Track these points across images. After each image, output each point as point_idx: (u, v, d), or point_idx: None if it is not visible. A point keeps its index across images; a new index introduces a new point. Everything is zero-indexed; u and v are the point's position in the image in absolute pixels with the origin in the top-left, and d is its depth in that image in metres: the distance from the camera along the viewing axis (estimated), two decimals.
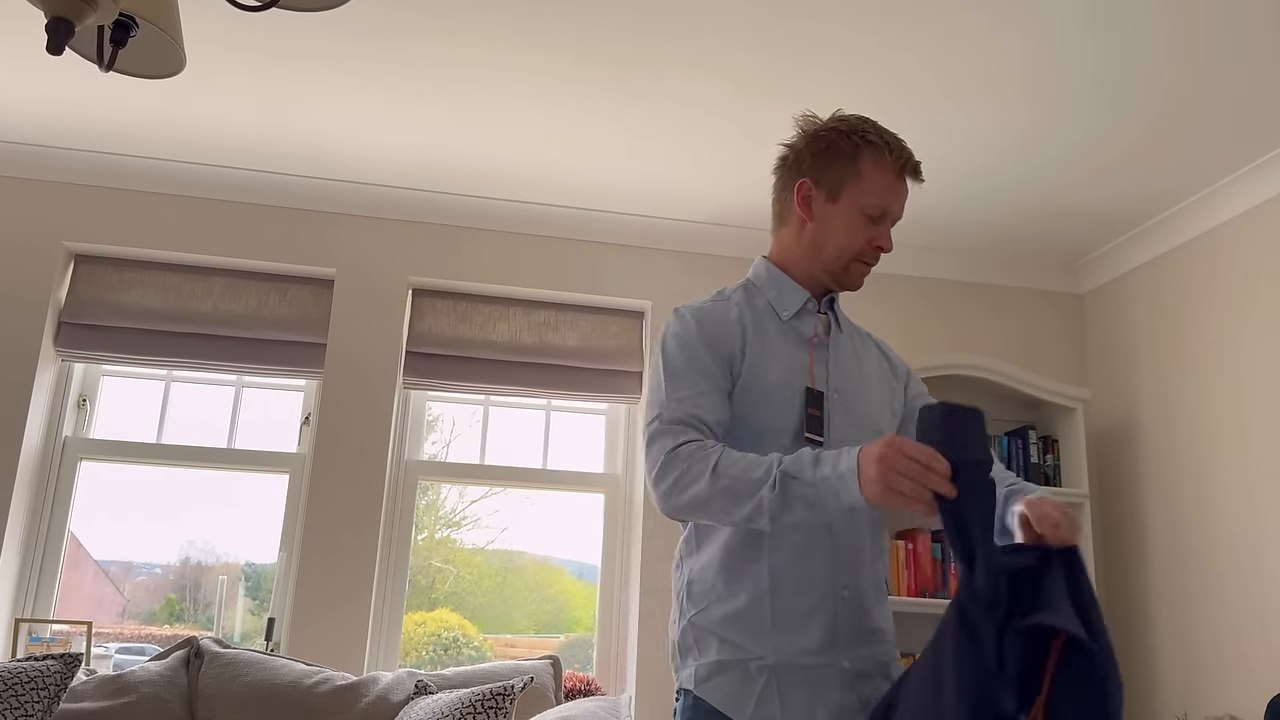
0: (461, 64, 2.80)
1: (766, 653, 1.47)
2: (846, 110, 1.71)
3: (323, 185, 3.55)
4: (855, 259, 1.62)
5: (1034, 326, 4.00)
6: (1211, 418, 3.31)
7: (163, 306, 3.47)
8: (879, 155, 1.59)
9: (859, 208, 1.60)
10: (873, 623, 1.53)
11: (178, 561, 3.51)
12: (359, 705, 2.76)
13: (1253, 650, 3.07)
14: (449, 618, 3.61)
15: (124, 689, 2.70)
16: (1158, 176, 3.26)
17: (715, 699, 1.48)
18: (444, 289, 3.66)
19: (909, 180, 1.62)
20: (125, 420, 3.50)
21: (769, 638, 1.47)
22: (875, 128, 1.63)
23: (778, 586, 1.48)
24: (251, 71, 2.88)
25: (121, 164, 3.45)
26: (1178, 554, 3.40)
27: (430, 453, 3.68)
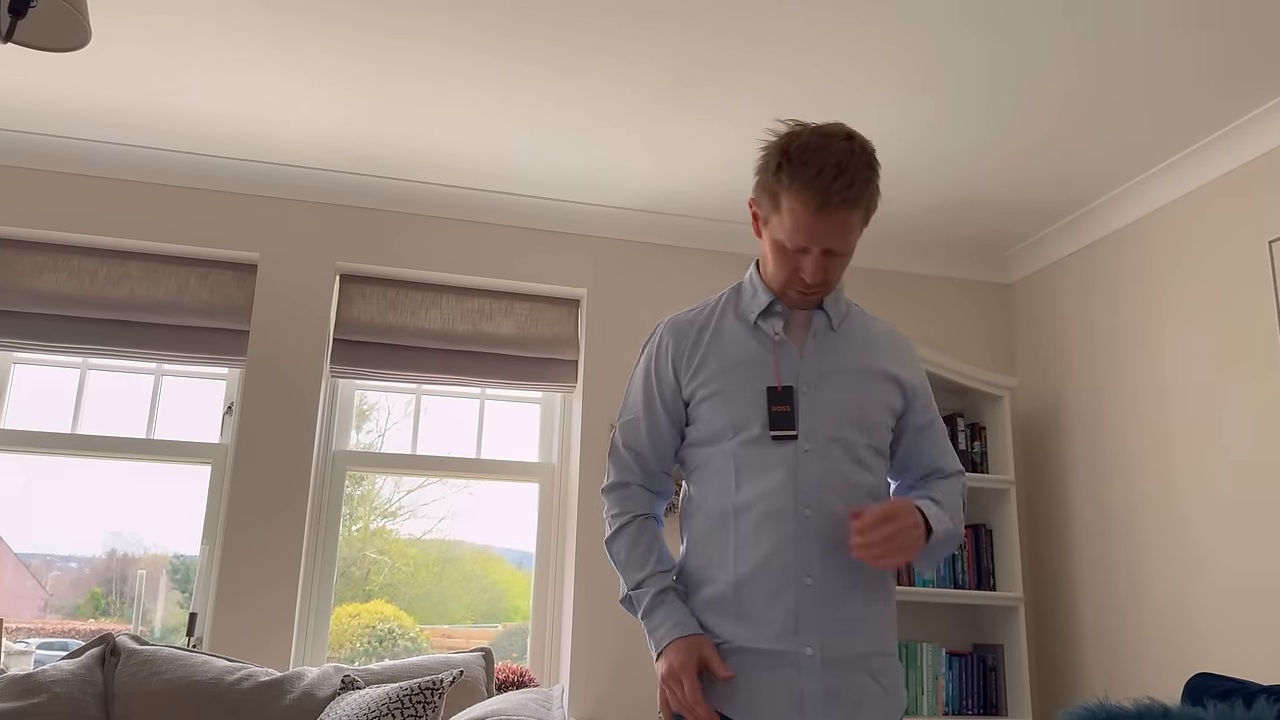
0: (391, 44, 2.73)
1: (734, 636, 1.53)
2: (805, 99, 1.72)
3: (246, 167, 3.45)
4: (787, 286, 1.64)
5: (963, 316, 4.05)
6: (1135, 404, 3.39)
7: (77, 291, 3.35)
8: (800, 188, 1.52)
9: (778, 239, 1.59)
10: (843, 612, 1.53)
11: (103, 554, 3.40)
12: (283, 702, 2.70)
13: (1172, 633, 3.16)
14: (384, 609, 3.55)
15: (34, 689, 2.60)
16: (1085, 167, 3.31)
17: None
18: (373, 275, 3.59)
19: (835, 214, 1.53)
20: (40, 410, 3.38)
21: (737, 622, 1.54)
22: (813, 151, 1.54)
23: (745, 572, 1.55)
24: (169, 48, 2.78)
25: (32, 142, 3.31)
26: (1101, 538, 3.48)
27: (365, 442, 3.61)
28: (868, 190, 1.56)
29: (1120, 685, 3.32)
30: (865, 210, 1.58)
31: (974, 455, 3.63)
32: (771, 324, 1.66)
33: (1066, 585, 3.62)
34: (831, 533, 1.55)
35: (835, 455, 1.58)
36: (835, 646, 1.52)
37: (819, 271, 1.59)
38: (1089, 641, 3.49)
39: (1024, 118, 3.01)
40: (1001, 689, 3.48)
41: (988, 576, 3.57)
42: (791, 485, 1.55)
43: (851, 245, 1.60)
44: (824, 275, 1.60)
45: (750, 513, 1.57)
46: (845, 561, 1.55)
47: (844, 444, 1.60)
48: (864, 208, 1.57)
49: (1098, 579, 3.47)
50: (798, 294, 1.63)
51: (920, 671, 3.42)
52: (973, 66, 2.75)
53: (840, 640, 1.52)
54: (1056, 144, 3.16)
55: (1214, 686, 2.43)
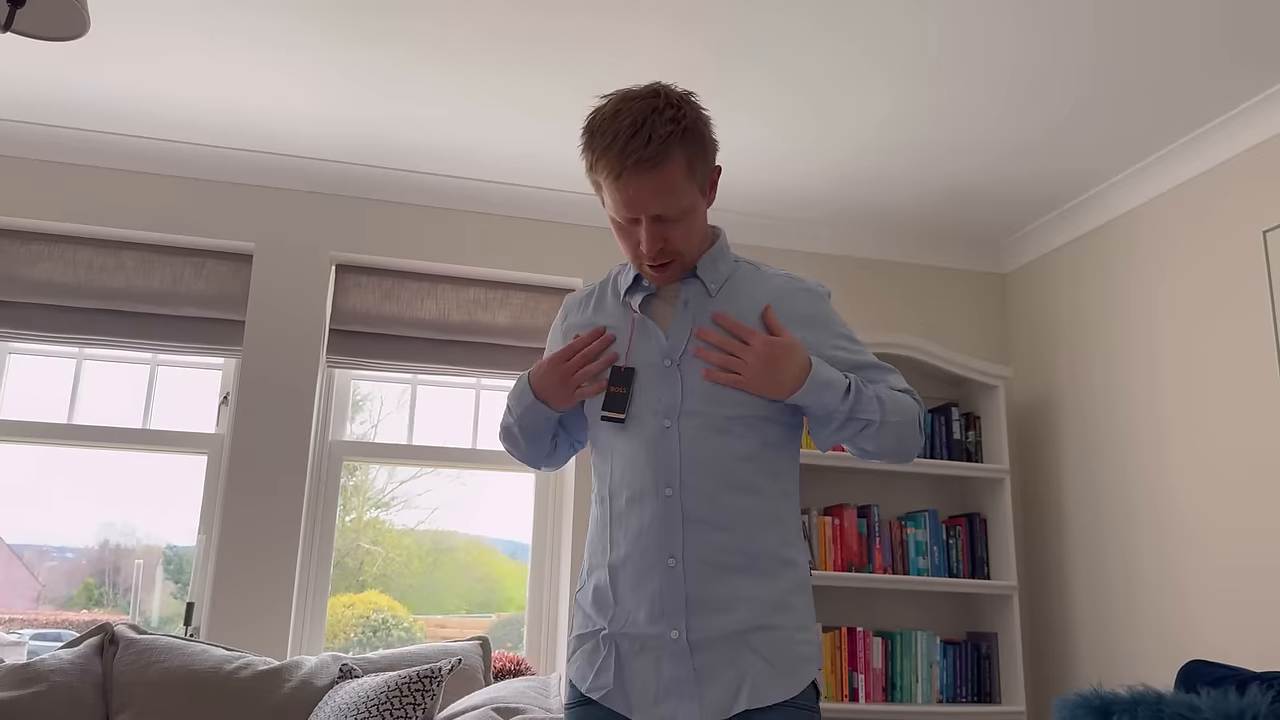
0: (386, 31, 2.72)
1: (608, 623, 1.51)
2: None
3: (242, 156, 3.44)
4: (637, 262, 1.57)
5: (957, 305, 4.07)
6: (1129, 393, 3.41)
7: (73, 281, 3.34)
8: (602, 160, 1.47)
9: (612, 216, 1.54)
10: (713, 591, 1.47)
11: (96, 545, 3.40)
12: (282, 690, 2.71)
13: (1166, 620, 3.18)
14: (378, 599, 3.56)
15: (33, 678, 2.60)
16: (1080, 157, 3.33)
17: (570, 672, 1.56)
18: (369, 265, 3.59)
19: (640, 177, 1.45)
20: (35, 400, 3.37)
21: (614, 608, 1.51)
22: (610, 118, 1.47)
23: (618, 558, 1.52)
24: (166, 37, 2.77)
25: (26, 131, 3.30)
26: (1095, 527, 3.50)
27: (359, 433, 3.61)
28: (676, 144, 1.45)
29: (1114, 673, 3.35)
30: (685, 165, 1.47)
31: (968, 445, 3.66)
32: (635, 299, 1.59)
33: (1060, 574, 3.65)
34: (694, 510, 1.48)
35: (692, 430, 1.50)
36: (704, 627, 1.45)
37: (655, 240, 1.50)
38: (1083, 629, 3.52)
39: (1021, 109, 3.02)
40: (995, 677, 3.51)
41: (982, 565, 3.59)
42: (652, 465, 1.50)
43: (684, 206, 1.49)
44: (663, 243, 1.50)
45: (620, 497, 1.53)
46: (714, 539, 1.48)
47: (703, 418, 1.51)
48: (678, 163, 1.46)
49: (1091, 567, 3.50)
50: (650, 269, 1.55)
51: (915, 659, 3.44)
52: (965, 53, 2.76)
53: (710, 620, 1.46)
54: (1052, 135, 3.17)
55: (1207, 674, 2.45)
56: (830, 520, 3.46)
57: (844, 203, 3.72)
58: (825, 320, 1.60)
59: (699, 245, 1.57)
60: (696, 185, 1.51)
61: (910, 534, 3.54)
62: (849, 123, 3.13)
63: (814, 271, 3.93)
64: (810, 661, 1.49)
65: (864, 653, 3.39)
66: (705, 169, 1.52)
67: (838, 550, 3.44)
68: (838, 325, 1.61)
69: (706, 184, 1.55)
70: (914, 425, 1.57)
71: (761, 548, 1.50)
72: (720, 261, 1.60)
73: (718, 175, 1.57)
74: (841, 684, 3.35)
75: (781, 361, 1.49)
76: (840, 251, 3.97)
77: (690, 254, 1.56)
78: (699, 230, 1.56)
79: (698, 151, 1.49)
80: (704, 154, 1.51)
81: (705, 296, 1.57)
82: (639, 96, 1.48)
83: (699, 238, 1.56)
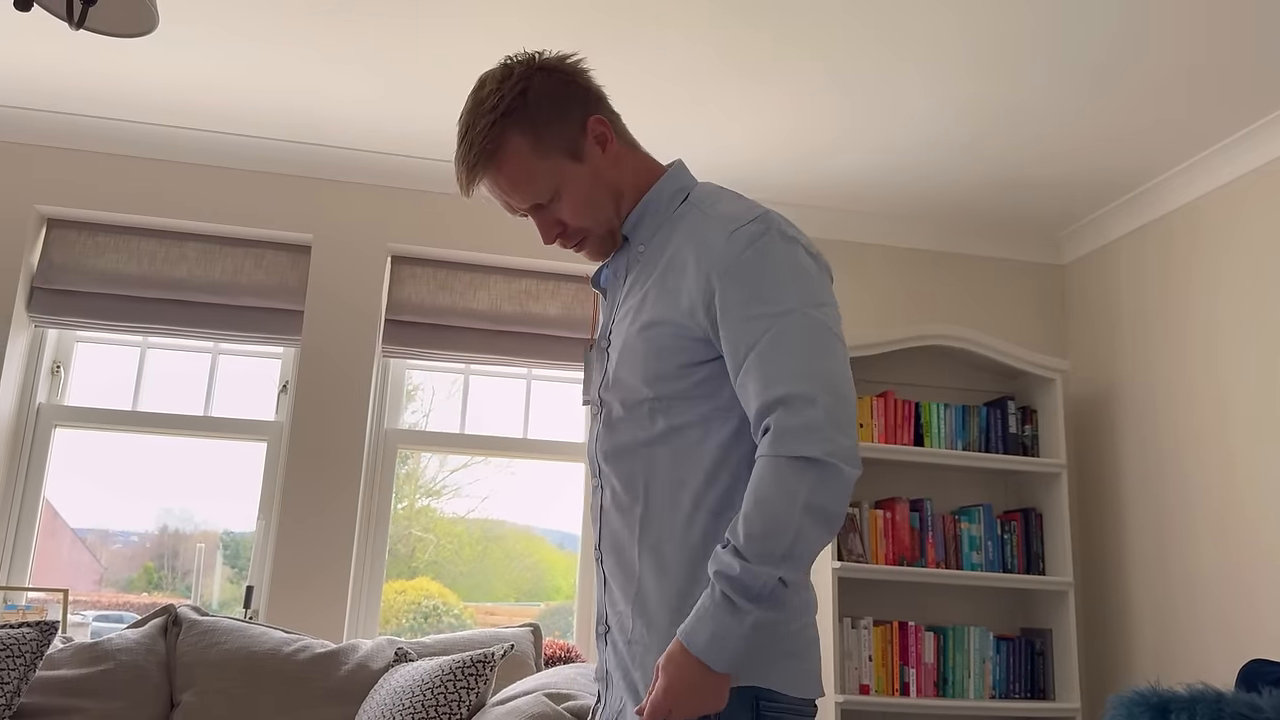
0: (444, 27, 2.75)
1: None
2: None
3: (301, 149, 3.50)
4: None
5: (1014, 297, 4.01)
6: (1191, 388, 3.34)
7: (137, 272, 3.42)
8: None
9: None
10: (611, 584, 1.37)
11: (155, 529, 3.49)
12: (339, 673, 2.76)
13: (1227, 618, 3.12)
14: (429, 586, 3.61)
15: (101, 656, 2.68)
16: (1141, 145, 3.26)
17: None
18: (424, 256, 3.63)
19: (487, 180, 1.37)
20: (100, 387, 3.46)
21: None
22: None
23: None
24: (229, 32, 2.82)
25: (95, 126, 3.38)
26: (1154, 523, 3.44)
27: (410, 421, 3.66)
28: (504, 130, 1.32)
29: (1172, 671, 3.29)
30: (528, 143, 1.33)
31: (1024, 439, 3.61)
32: (601, 278, 1.48)
33: (1117, 570, 3.59)
34: (609, 502, 1.36)
35: (603, 418, 1.38)
36: (615, 625, 1.36)
37: (548, 229, 1.39)
38: (1140, 627, 3.46)
39: (1079, 94, 2.96)
40: (1049, 673, 3.47)
41: (1037, 561, 3.54)
42: (588, 457, 1.42)
43: (550, 184, 1.35)
44: (560, 227, 1.39)
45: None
46: (613, 534, 1.36)
47: (607, 405, 1.37)
48: (515, 148, 1.33)
49: (1150, 564, 3.44)
50: (574, 251, 1.44)
51: (967, 655, 3.41)
52: (1025, 41, 2.72)
53: (609, 613, 1.38)
54: (1112, 122, 3.11)
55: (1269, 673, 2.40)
56: (882, 514, 3.43)
57: (899, 194, 3.68)
58: (737, 281, 1.26)
59: (606, 209, 1.39)
60: (560, 154, 1.35)
61: (964, 528, 3.51)
62: (901, 112, 3.10)
63: (875, 262, 3.89)
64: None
65: (915, 647, 3.36)
66: (563, 133, 1.35)
67: (889, 544, 3.42)
68: (752, 285, 1.26)
69: (578, 145, 1.36)
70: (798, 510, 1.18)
71: (642, 547, 1.35)
72: (651, 213, 1.40)
73: (600, 126, 1.38)
74: (893, 678, 3.33)
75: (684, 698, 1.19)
76: (895, 243, 3.93)
77: (598, 224, 1.39)
78: (592, 198, 1.37)
79: (540, 119, 1.33)
80: (552, 118, 1.34)
81: (639, 260, 1.39)
82: (472, 91, 1.37)
83: (602, 204, 1.38)
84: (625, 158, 1.41)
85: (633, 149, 1.44)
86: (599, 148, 1.38)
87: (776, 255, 1.27)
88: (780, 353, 1.21)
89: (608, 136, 1.39)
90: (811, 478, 1.17)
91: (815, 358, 1.22)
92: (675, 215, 1.39)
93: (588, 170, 1.37)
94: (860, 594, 3.49)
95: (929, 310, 3.92)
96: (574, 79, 1.39)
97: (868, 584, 3.50)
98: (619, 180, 1.40)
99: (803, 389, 1.19)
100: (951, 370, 3.76)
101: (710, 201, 1.37)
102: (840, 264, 3.87)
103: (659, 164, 1.46)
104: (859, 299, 3.85)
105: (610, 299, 1.45)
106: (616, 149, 1.40)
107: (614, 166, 1.40)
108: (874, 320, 3.85)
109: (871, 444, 3.41)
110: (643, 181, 1.42)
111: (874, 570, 3.31)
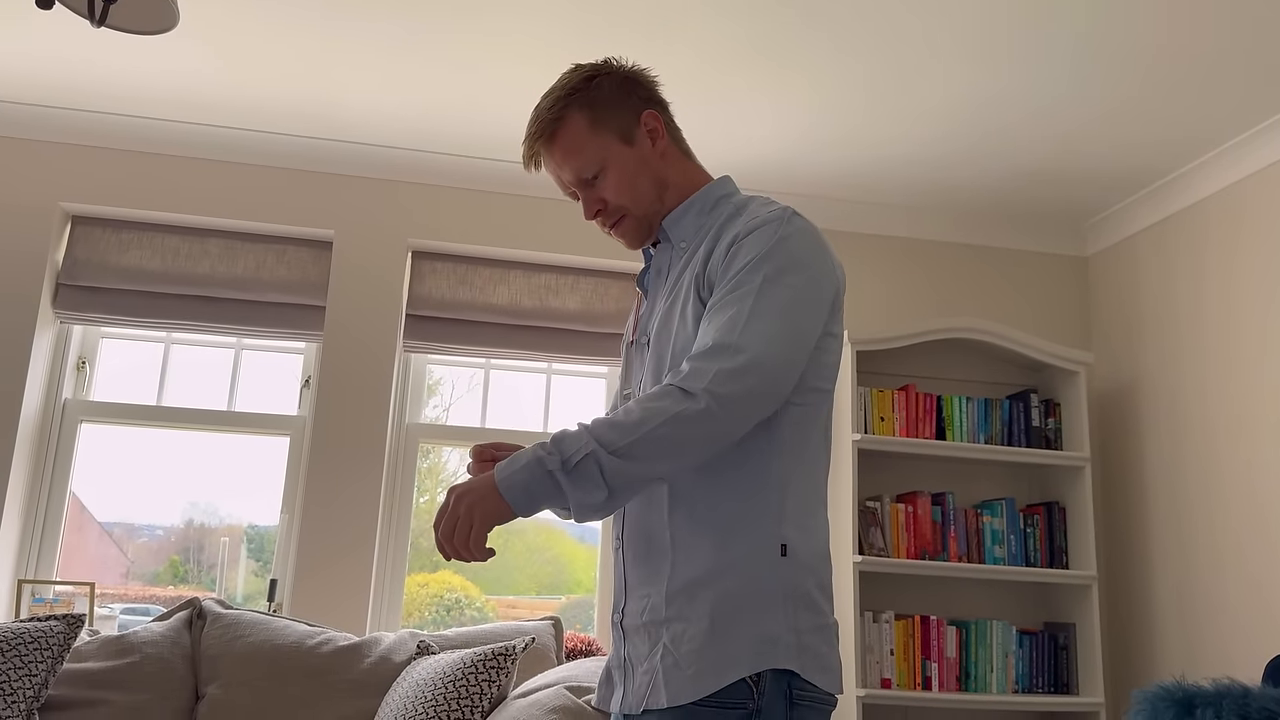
0: (462, 23, 2.75)
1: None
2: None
3: (321, 145, 3.52)
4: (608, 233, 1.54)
5: (1037, 290, 3.98)
6: (1218, 381, 3.31)
7: (161, 268, 3.45)
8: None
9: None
10: (633, 576, 1.39)
11: (181, 523, 3.52)
12: (362, 665, 2.78)
13: (1252, 613, 3.09)
14: (451, 579, 3.63)
15: (127, 649, 2.71)
16: (1167, 134, 3.22)
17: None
18: (444, 251, 3.64)
19: (545, 151, 1.48)
20: (125, 382, 3.50)
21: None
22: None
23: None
24: (248, 29, 2.84)
25: (117, 123, 3.41)
26: (1179, 517, 3.41)
27: (431, 416, 3.67)
28: (567, 108, 1.45)
29: (1198, 666, 3.26)
30: (586, 121, 1.45)
31: (1048, 431, 3.58)
32: (642, 278, 1.55)
33: (1142, 564, 3.56)
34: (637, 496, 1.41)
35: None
36: (630, 612, 1.38)
37: (590, 204, 1.49)
38: (1165, 621, 3.43)
39: (1102, 83, 2.93)
40: (1073, 668, 3.44)
41: (1060, 554, 3.52)
42: None
43: (599, 159, 1.45)
44: (600, 204, 1.48)
45: None
46: (635, 522, 1.39)
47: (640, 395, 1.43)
48: (575, 122, 1.45)
49: (1174, 557, 3.41)
50: (612, 234, 1.52)
51: (990, 649, 3.39)
52: (1047, 28, 2.69)
53: (634, 605, 1.38)
54: (1137, 110, 3.08)
55: None
56: (903, 507, 3.42)
57: (922, 186, 3.66)
58: (737, 256, 1.35)
59: (647, 195, 1.48)
60: (611, 135, 1.46)
61: (986, 522, 3.49)
62: (925, 104, 3.08)
63: (896, 254, 3.87)
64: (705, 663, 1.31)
65: (938, 641, 3.35)
66: (619, 116, 1.46)
67: (911, 538, 3.40)
68: (741, 259, 1.34)
69: (630, 131, 1.47)
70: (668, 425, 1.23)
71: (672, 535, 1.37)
72: (692, 214, 1.48)
73: (654, 121, 1.49)
74: (915, 672, 3.32)
75: (468, 500, 1.24)
76: (922, 235, 3.91)
77: (637, 206, 1.48)
78: (635, 181, 1.47)
79: (599, 101, 1.46)
80: (609, 102, 1.46)
81: (677, 258, 1.48)
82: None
83: (643, 189, 1.47)
84: (674, 157, 1.52)
85: (685, 155, 1.54)
86: (649, 139, 1.49)
87: (787, 238, 1.36)
88: (738, 309, 1.29)
89: (659, 131, 1.49)
90: (686, 408, 1.23)
91: (767, 319, 1.28)
92: (714, 215, 1.47)
93: (635, 155, 1.47)
94: (882, 588, 3.48)
95: (951, 302, 3.89)
96: (639, 80, 1.52)
97: (889, 578, 3.49)
98: (664, 173, 1.50)
99: (732, 340, 1.26)
100: (974, 363, 3.73)
101: (746, 201, 1.47)
102: (862, 256, 3.85)
103: (709, 175, 1.55)
104: (880, 291, 3.84)
105: (651, 296, 1.53)
106: (666, 145, 1.50)
107: (660, 159, 1.50)
108: (895, 313, 3.83)
109: (893, 437, 3.39)
110: (689, 182, 1.51)
111: (896, 564, 3.30)
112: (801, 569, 1.32)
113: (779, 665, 1.26)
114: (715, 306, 1.32)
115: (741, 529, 1.32)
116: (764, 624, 1.28)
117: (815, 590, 1.33)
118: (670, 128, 1.53)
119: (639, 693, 1.33)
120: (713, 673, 1.27)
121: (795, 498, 1.34)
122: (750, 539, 1.32)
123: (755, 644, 1.27)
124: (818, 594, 1.34)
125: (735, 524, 1.32)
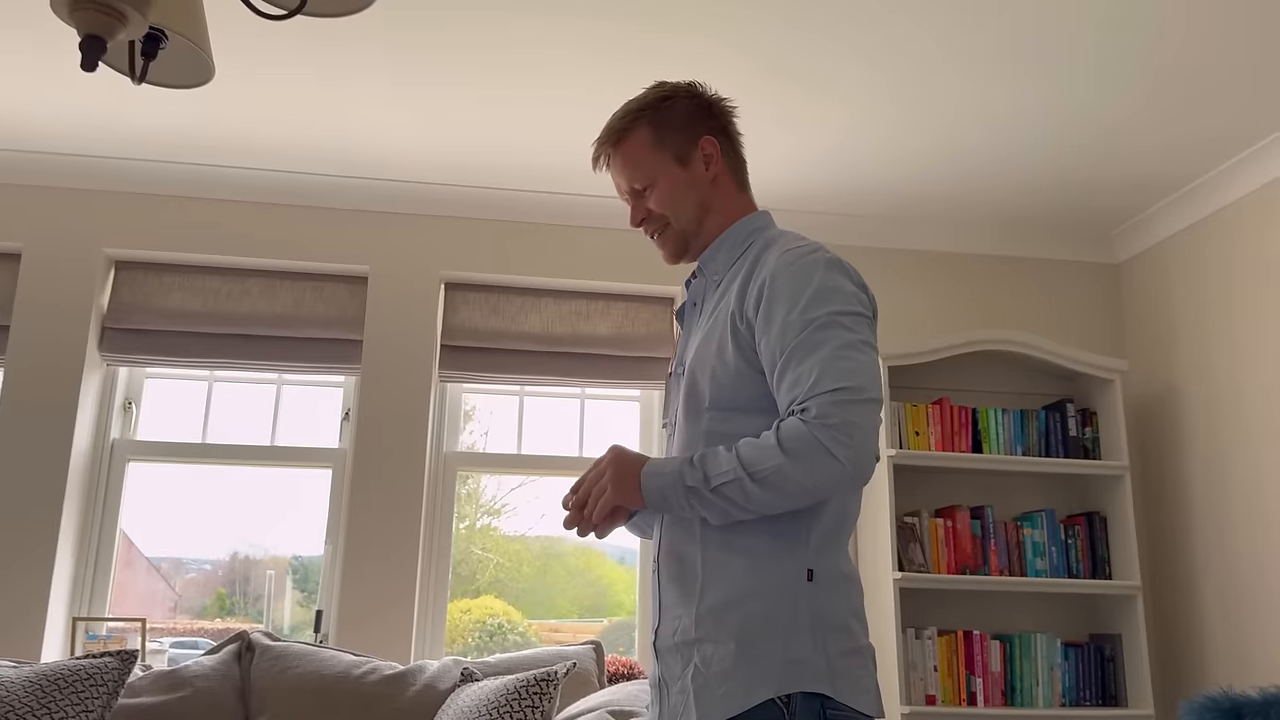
0: (491, 60, 2.81)
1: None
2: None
3: (354, 184, 3.59)
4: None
5: (1070, 298, 3.95)
6: (1257, 385, 3.27)
7: (202, 309, 3.54)
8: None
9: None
10: (666, 597, 1.44)
11: (226, 557, 3.58)
12: (407, 694, 2.81)
13: None
14: (493, 604, 3.66)
15: (179, 683, 2.77)
16: (1196, 137, 3.21)
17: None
18: (476, 282, 3.70)
19: (612, 157, 1.60)
20: (170, 421, 3.58)
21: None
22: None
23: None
24: (281, 75, 2.92)
25: (157, 170, 3.51)
26: (1222, 524, 3.36)
27: (468, 443, 3.72)
28: (636, 121, 1.56)
29: (1245, 675, 3.21)
30: (649, 136, 1.55)
31: (1085, 441, 3.55)
32: (681, 309, 1.63)
33: (1186, 573, 3.51)
34: (666, 517, 1.46)
35: (676, 436, 1.51)
36: (664, 633, 1.43)
37: (636, 211, 1.59)
38: (1211, 630, 3.38)
39: (1129, 85, 2.92)
40: (1120, 679, 3.40)
41: (1103, 565, 3.48)
42: None
43: (652, 174, 1.55)
44: (645, 213, 1.58)
45: None
46: (670, 545, 1.44)
47: (679, 425, 1.49)
48: (639, 136, 1.55)
49: (1219, 566, 3.36)
50: (656, 244, 1.61)
51: (1035, 662, 3.36)
52: (1071, 31, 2.69)
53: (666, 626, 1.43)
54: (1165, 113, 3.06)
55: None
56: (942, 522, 3.41)
57: (947, 200, 3.66)
58: (779, 297, 1.38)
59: (688, 214, 1.56)
60: (668, 155, 1.55)
61: (1027, 535, 3.46)
62: (950, 117, 3.09)
63: (926, 268, 3.87)
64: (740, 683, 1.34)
65: (982, 656, 3.33)
66: (679, 139, 1.55)
67: (951, 553, 3.38)
68: (791, 299, 1.37)
69: (687, 154, 1.56)
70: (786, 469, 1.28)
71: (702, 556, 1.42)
72: (726, 248, 1.55)
73: (711, 147, 1.57)
74: (960, 688, 3.30)
75: (616, 469, 1.38)
76: (951, 248, 3.90)
77: (678, 220, 1.56)
78: (680, 199, 1.55)
79: (666, 121, 1.55)
80: (674, 124, 1.56)
81: (712, 290, 1.56)
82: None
83: (686, 208, 1.56)
84: (725, 185, 1.58)
85: (739, 186, 1.61)
86: (704, 164, 1.56)
87: (820, 273, 1.40)
88: (817, 352, 1.33)
89: (715, 158, 1.57)
90: (828, 467, 1.27)
91: (848, 359, 1.32)
92: (746, 250, 1.53)
93: (686, 176, 1.56)
94: (923, 604, 3.46)
95: (982, 314, 3.88)
96: (714, 109, 1.60)
97: (930, 594, 3.47)
98: (710, 198, 1.57)
99: (843, 383, 1.29)
100: (1008, 374, 3.72)
101: (776, 236, 1.53)
102: (891, 271, 3.86)
103: (755, 207, 1.62)
104: (911, 305, 3.83)
105: (686, 328, 1.60)
106: (720, 172, 1.57)
107: (710, 185, 1.57)
108: (927, 326, 3.82)
109: (928, 451, 3.39)
110: (732, 212, 1.58)
111: (936, 580, 3.29)
112: (830, 594, 1.35)
113: (808, 688, 1.29)
114: (790, 349, 1.34)
115: (770, 554, 1.36)
116: (791, 648, 1.31)
117: (846, 614, 1.36)
118: (729, 157, 1.59)
119: (673, 712, 1.38)
120: (742, 693, 1.30)
121: (825, 524, 1.38)
122: (778, 564, 1.35)
123: (782, 666, 1.30)
124: (849, 618, 1.36)
125: (765, 549, 1.36)
